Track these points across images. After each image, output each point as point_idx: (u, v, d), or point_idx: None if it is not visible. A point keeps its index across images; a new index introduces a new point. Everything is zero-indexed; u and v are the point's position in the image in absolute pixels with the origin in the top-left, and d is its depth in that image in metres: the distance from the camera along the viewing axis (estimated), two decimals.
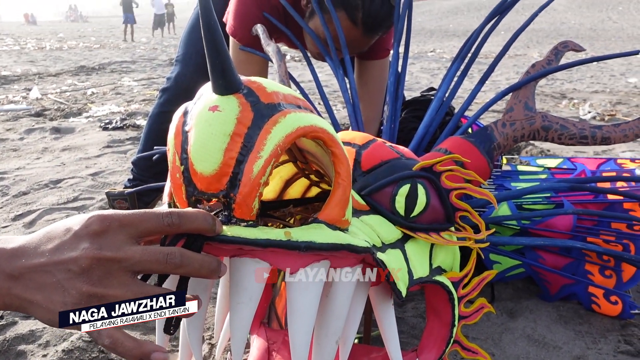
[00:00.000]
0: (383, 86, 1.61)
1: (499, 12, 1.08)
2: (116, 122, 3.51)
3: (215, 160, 0.49)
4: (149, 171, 1.70)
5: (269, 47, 1.13)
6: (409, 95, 1.84)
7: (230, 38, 1.46)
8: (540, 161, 1.66)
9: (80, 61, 8.13)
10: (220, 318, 0.78)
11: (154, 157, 1.61)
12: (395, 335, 0.73)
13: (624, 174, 1.43)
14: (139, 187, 1.21)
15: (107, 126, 3.42)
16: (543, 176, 1.47)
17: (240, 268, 0.53)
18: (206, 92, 0.51)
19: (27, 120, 3.69)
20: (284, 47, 1.53)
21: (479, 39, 1.08)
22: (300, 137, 0.51)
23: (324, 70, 5.96)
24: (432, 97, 1.57)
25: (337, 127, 1.15)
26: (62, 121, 3.68)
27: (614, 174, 1.47)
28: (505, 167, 1.61)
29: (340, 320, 0.62)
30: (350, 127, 1.11)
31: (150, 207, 1.74)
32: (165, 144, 1.64)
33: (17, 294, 0.45)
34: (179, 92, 1.65)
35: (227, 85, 0.49)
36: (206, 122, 0.49)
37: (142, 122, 3.56)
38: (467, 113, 3.01)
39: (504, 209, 1.28)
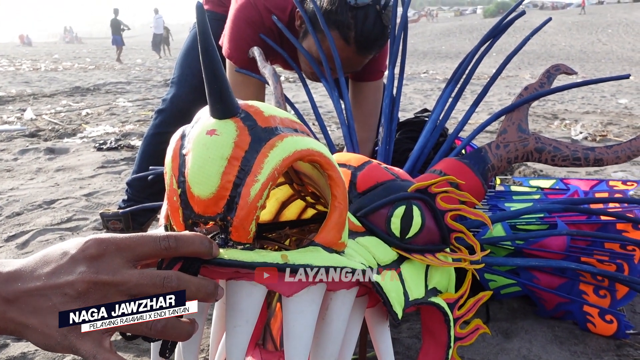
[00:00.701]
0: (377, 107, 1.62)
1: (492, 36, 1.10)
2: (111, 142, 3.51)
3: (212, 184, 0.49)
4: (143, 192, 1.70)
5: (266, 69, 1.15)
6: (402, 116, 1.86)
7: (227, 61, 1.48)
8: (533, 182, 1.67)
9: (75, 82, 8.15)
10: (216, 340, 0.78)
11: (149, 178, 1.62)
12: (391, 357, 0.73)
13: (616, 195, 1.45)
14: (133, 207, 1.21)
15: (101, 147, 3.42)
16: (536, 197, 1.48)
17: (237, 291, 0.53)
18: (204, 116, 0.52)
19: (21, 140, 3.69)
20: (279, 69, 1.54)
21: (472, 62, 1.10)
22: (297, 160, 0.51)
23: (319, 91, 5.99)
24: (426, 119, 1.59)
25: (332, 147, 1.16)
26: (57, 142, 3.68)
27: (606, 194, 1.48)
28: (499, 188, 1.62)
29: (336, 342, 0.62)
30: (346, 149, 1.12)
31: (145, 227, 1.73)
32: (160, 165, 1.65)
33: (12, 318, 0.45)
34: (174, 113, 1.65)
35: (224, 109, 0.49)
36: (204, 145, 0.49)
37: (137, 142, 3.57)
38: (460, 134, 3.05)
39: (498, 230, 1.29)
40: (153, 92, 6.98)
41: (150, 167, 1.24)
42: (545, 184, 1.62)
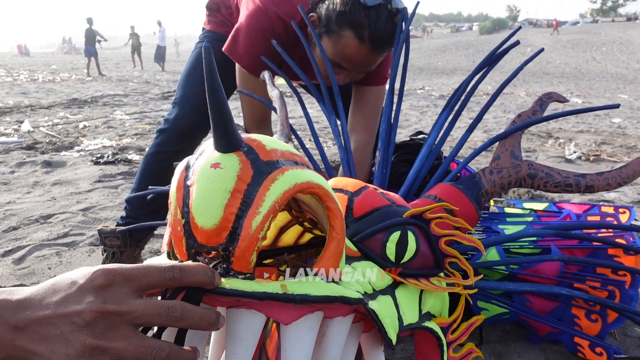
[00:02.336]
0: (378, 112, 1.65)
1: (487, 64, 1.13)
2: (108, 156, 3.53)
3: (215, 215, 0.51)
4: (142, 209, 1.71)
5: (273, 93, 1.17)
6: (398, 132, 1.88)
7: (237, 66, 1.51)
8: (526, 204, 1.69)
9: (72, 94, 8.18)
10: None
11: (148, 197, 1.64)
12: None
13: (608, 218, 1.47)
14: (132, 226, 1.22)
15: (98, 160, 3.43)
16: (529, 219, 1.50)
17: (237, 319, 0.55)
18: (208, 149, 0.54)
19: (18, 153, 3.70)
20: (280, 83, 1.57)
21: (468, 89, 1.12)
22: (297, 193, 0.53)
23: (315, 106, 6.03)
24: (422, 141, 1.61)
25: (328, 167, 1.18)
26: (54, 154, 3.69)
27: (598, 218, 1.50)
28: (493, 209, 1.64)
29: None
30: (342, 172, 1.14)
31: (142, 244, 1.74)
32: (160, 183, 1.66)
33: (21, 346, 0.46)
34: (176, 134, 1.68)
35: (229, 143, 0.52)
36: (208, 178, 0.51)
37: (134, 156, 3.58)
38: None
39: (492, 253, 1.31)
40: (150, 105, 7.01)
41: (150, 187, 1.26)
42: (539, 206, 1.65)
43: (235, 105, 7.01)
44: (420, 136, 1.72)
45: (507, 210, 1.63)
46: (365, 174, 1.62)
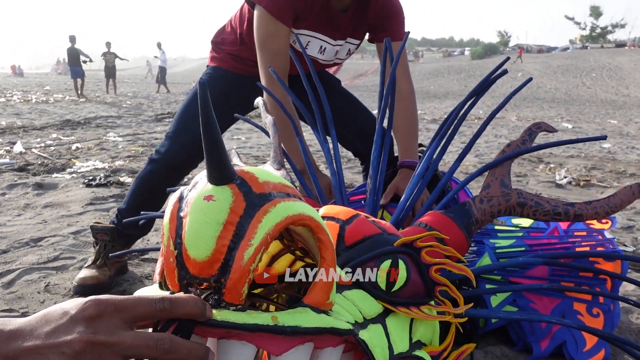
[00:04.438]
0: (407, 65, 1.76)
1: (476, 93, 1.15)
2: (100, 178, 3.52)
3: (208, 247, 0.52)
4: (131, 224, 1.75)
5: (267, 119, 1.19)
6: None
7: (256, 11, 1.54)
8: (515, 220, 1.73)
9: (65, 115, 8.18)
10: None
11: (140, 223, 1.65)
12: None
13: (594, 233, 1.53)
14: (130, 219, 1.28)
15: (90, 182, 3.42)
16: (519, 234, 1.55)
17: (227, 350, 0.55)
18: (201, 181, 0.55)
19: (9, 175, 3.68)
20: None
21: (457, 119, 1.14)
22: (289, 225, 0.54)
23: (308, 129, 6.07)
24: (419, 154, 1.66)
25: (321, 193, 1.19)
26: (45, 176, 3.68)
27: (584, 233, 1.56)
28: None
29: None
30: (335, 200, 1.15)
31: (128, 246, 1.85)
32: (149, 202, 1.69)
33: None
34: (165, 167, 1.72)
35: (222, 176, 0.53)
36: (201, 210, 0.52)
37: (127, 179, 3.58)
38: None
39: (485, 260, 1.41)
40: (144, 127, 7.02)
41: (142, 212, 1.27)
42: (527, 222, 1.69)
43: (228, 129, 7.04)
44: (420, 148, 1.75)
45: (497, 227, 1.67)
46: (412, 125, 1.67)
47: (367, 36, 1.80)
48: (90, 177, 3.55)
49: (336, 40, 1.71)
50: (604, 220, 1.60)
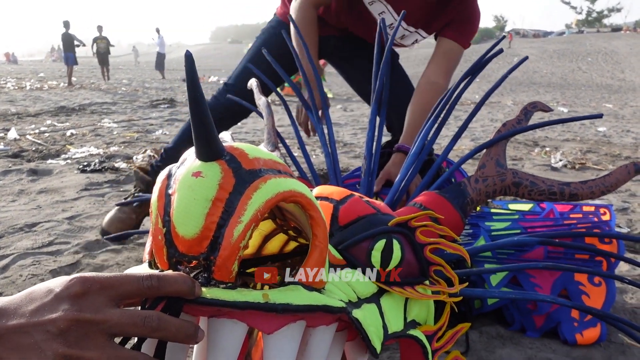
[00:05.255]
0: (451, 64, 1.77)
1: (471, 73, 1.14)
2: (95, 164, 3.50)
3: (196, 224, 0.51)
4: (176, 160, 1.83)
5: (260, 101, 1.17)
6: (386, 139, 1.91)
7: None
8: (512, 206, 1.73)
9: (60, 101, 8.12)
10: None
11: (134, 204, 1.65)
12: None
13: (589, 216, 1.54)
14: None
15: (85, 168, 3.40)
16: (515, 216, 1.55)
17: (218, 329, 0.54)
18: (190, 158, 0.54)
19: (3, 161, 3.66)
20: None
21: (452, 98, 1.13)
22: (280, 202, 0.53)
23: None
24: None
25: (315, 176, 1.18)
26: (40, 163, 3.66)
27: (580, 215, 1.57)
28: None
29: None
30: (329, 181, 1.14)
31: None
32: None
33: None
34: (222, 109, 1.98)
35: (210, 152, 0.51)
36: (189, 187, 0.51)
37: (122, 164, 3.56)
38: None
39: (481, 242, 1.42)
40: (139, 113, 6.97)
41: (136, 195, 1.26)
42: (524, 207, 1.69)
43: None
44: None
45: (493, 210, 1.68)
46: (420, 118, 1.64)
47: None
48: (85, 163, 3.53)
49: (408, 25, 1.72)
50: (601, 210, 1.60)
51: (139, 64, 31.09)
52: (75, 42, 13.08)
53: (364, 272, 0.76)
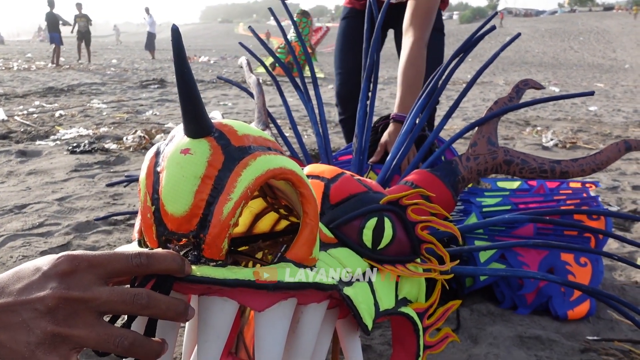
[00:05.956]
0: (428, 12, 1.67)
1: (464, 50, 1.13)
2: (84, 145, 3.47)
3: (185, 202, 0.50)
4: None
5: (250, 80, 1.16)
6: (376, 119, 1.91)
7: None
8: (500, 183, 1.75)
9: (48, 82, 8.01)
10: (188, 350, 0.78)
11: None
12: None
13: (581, 193, 1.56)
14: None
15: (74, 149, 3.37)
16: (506, 192, 1.57)
17: (208, 307, 0.54)
18: (178, 135, 0.53)
19: None
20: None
21: (445, 75, 1.12)
22: (270, 179, 0.52)
23: (295, 95, 6.00)
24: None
25: (306, 154, 1.17)
26: (29, 144, 3.62)
27: (569, 192, 1.60)
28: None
29: (306, 355, 0.63)
30: (320, 160, 1.13)
31: None
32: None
33: None
34: (338, 100, 2.11)
35: (198, 129, 0.50)
36: (178, 164, 0.50)
37: (112, 145, 3.53)
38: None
39: (472, 219, 1.45)
40: (128, 94, 6.90)
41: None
42: (512, 185, 1.71)
43: (214, 94, 6.95)
44: None
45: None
46: (411, 77, 1.61)
47: None
48: (75, 144, 3.50)
49: None
50: (587, 184, 1.63)
51: (121, 44, 30.66)
52: (61, 22, 12.54)
53: (355, 250, 0.76)
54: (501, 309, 1.47)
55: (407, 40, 1.63)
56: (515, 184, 1.71)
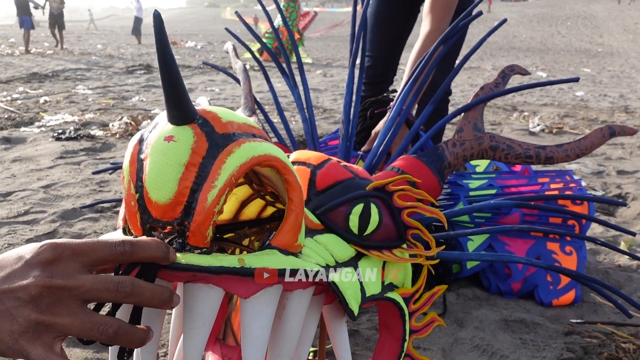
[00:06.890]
0: (448, 3, 1.68)
1: (450, 37, 1.13)
2: (70, 132, 3.43)
3: (170, 190, 0.50)
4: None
5: (236, 65, 1.15)
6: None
7: None
8: (473, 162, 1.77)
9: (32, 68, 7.90)
10: (175, 337, 0.78)
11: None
12: (347, 352, 0.75)
13: (564, 177, 1.59)
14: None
15: (60, 136, 3.34)
16: (492, 175, 1.60)
17: (194, 294, 0.54)
18: (162, 122, 0.52)
19: None
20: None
21: (430, 62, 1.12)
22: (255, 166, 0.52)
23: (283, 81, 5.97)
24: (392, 98, 1.65)
25: (293, 140, 1.17)
26: (13, 131, 3.57)
27: (553, 174, 1.63)
28: None
29: (292, 341, 0.63)
30: (307, 146, 1.13)
31: None
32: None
33: None
34: (367, 82, 2.05)
35: (182, 115, 0.50)
36: (161, 152, 0.50)
37: (97, 132, 3.50)
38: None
39: (459, 206, 1.46)
40: (114, 80, 6.82)
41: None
42: (484, 162, 1.75)
43: (201, 80, 6.89)
44: (394, 94, 1.74)
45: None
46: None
47: None
48: (60, 131, 3.46)
49: None
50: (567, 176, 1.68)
51: (94, 28, 30.21)
52: (32, 4, 11.64)
53: (341, 236, 0.76)
54: (487, 294, 1.49)
55: (424, 28, 1.66)
56: (486, 163, 1.75)
